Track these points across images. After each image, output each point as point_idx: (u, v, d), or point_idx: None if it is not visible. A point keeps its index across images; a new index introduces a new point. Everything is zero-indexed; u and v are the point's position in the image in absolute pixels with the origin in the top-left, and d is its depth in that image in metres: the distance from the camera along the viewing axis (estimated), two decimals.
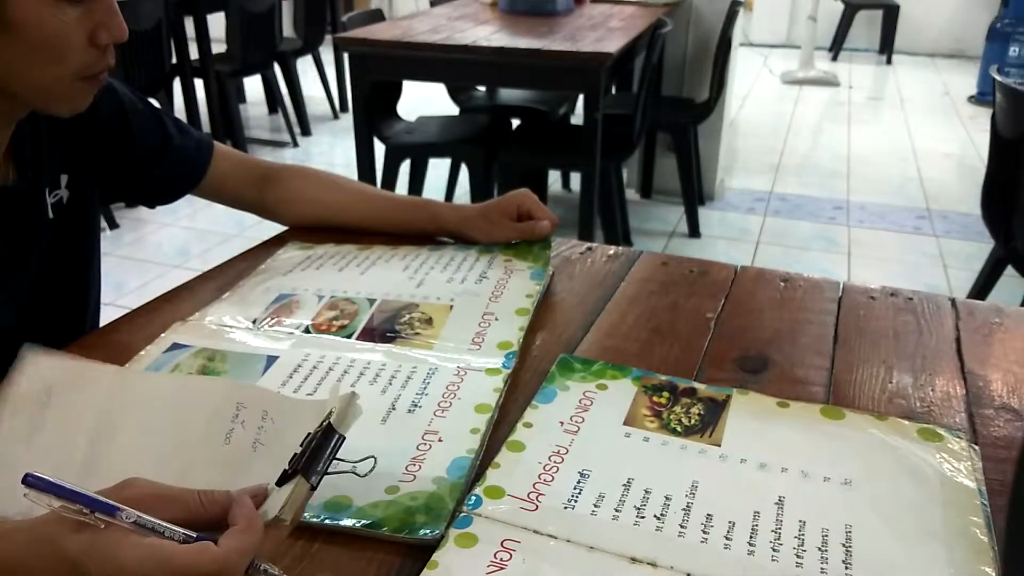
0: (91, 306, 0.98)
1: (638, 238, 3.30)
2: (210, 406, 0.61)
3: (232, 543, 0.48)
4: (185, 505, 0.50)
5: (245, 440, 0.58)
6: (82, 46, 0.74)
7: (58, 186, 0.88)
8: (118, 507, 0.47)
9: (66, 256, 0.91)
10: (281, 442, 0.56)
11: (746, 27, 6.12)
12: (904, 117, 5.28)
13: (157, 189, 1.03)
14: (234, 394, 0.62)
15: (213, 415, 0.60)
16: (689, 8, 3.47)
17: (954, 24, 7.03)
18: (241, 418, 0.59)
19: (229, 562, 0.47)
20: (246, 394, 0.62)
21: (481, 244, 1.05)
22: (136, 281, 2.93)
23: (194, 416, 0.61)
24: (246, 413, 0.60)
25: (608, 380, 0.78)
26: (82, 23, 0.73)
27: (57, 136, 0.87)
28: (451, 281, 0.95)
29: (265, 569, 0.49)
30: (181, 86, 3.95)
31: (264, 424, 0.59)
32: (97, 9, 0.73)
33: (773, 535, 0.59)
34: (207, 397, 0.62)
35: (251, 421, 0.59)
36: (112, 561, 0.46)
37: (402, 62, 2.64)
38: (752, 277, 1.01)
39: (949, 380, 0.80)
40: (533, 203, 1.05)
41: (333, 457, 0.54)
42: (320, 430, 0.54)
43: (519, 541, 0.58)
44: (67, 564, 0.48)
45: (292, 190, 1.09)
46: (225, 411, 0.60)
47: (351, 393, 0.56)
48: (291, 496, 0.52)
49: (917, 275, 3.03)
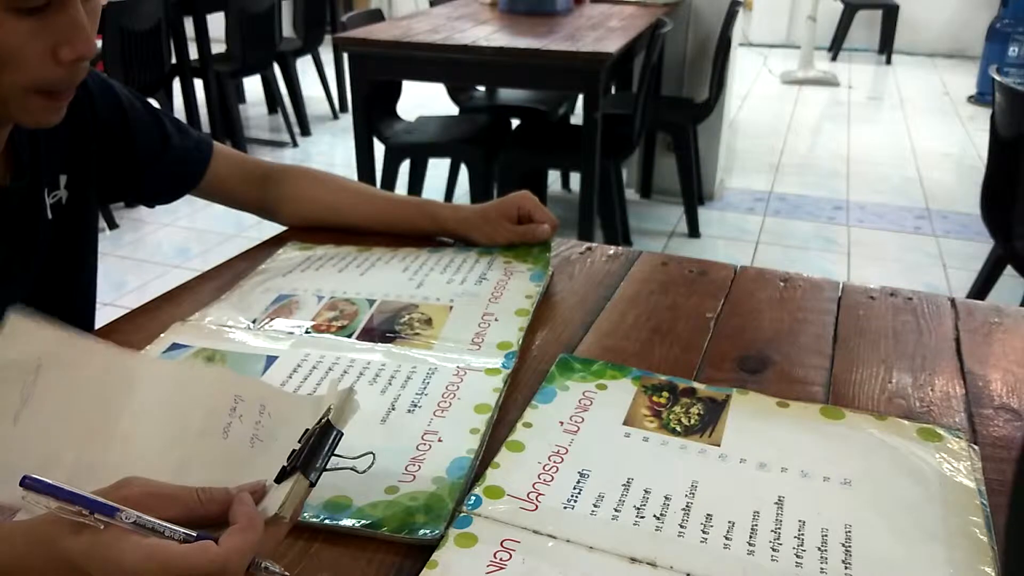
0: (89, 306, 0.99)
1: (638, 238, 3.30)
2: (208, 397, 0.60)
3: (233, 542, 0.48)
4: (184, 504, 0.50)
5: (243, 435, 0.58)
6: (39, 59, 0.70)
7: (57, 187, 0.88)
8: (117, 508, 0.47)
9: (65, 256, 0.91)
10: (279, 438, 0.56)
11: (746, 27, 6.12)
12: (904, 117, 5.28)
13: (156, 189, 1.03)
14: (231, 386, 0.61)
15: (211, 406, 0.59)
16: (689, 8, 3.47)
17: (954, 24, 7.03)
18: (239, 412, 0.59)
19: (230, 561, 0.47)
20: (244, 386, 0.61)
21: (481, 246, 1.05)
22: (136, 281, 2.93)
23: (192, 407, 0.60)
24: (244, 407, 0.59)
25: (608, 380, 0.78)
26: (39, 36, 0.69)
27: (56, 137, 0.87)
28: (451, 282, 0.95)
29: (266, 567, 0.49)
30: (181, 86, 3.95)
31: (262, 419, 0.58)
32: (58, 23, 0.69)
33: (773, 535, 0.59)
34: (205, 386, 0.61)
35: (249, 415, 0.59)
36: (113, 563, 0.46)
37: (402, 62, 2.64)
38: (752, 277, 1.02)
39: (948, 380, 0.80)
40: (533, 205, 1.05)
41: (332, 453, 0.54)
42: (318, 426, 0.54)
43: (519, 541, 0.58)
44: (67, 565, 0.47)
45: (292, 190, 1.09)
46: (223, 403, 0.59)
47: (349, 388, 0.56)
48: (290, 493, 0.51)
49: (917, 275, 3.04)
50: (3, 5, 0.67)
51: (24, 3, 0.67)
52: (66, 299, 0.94)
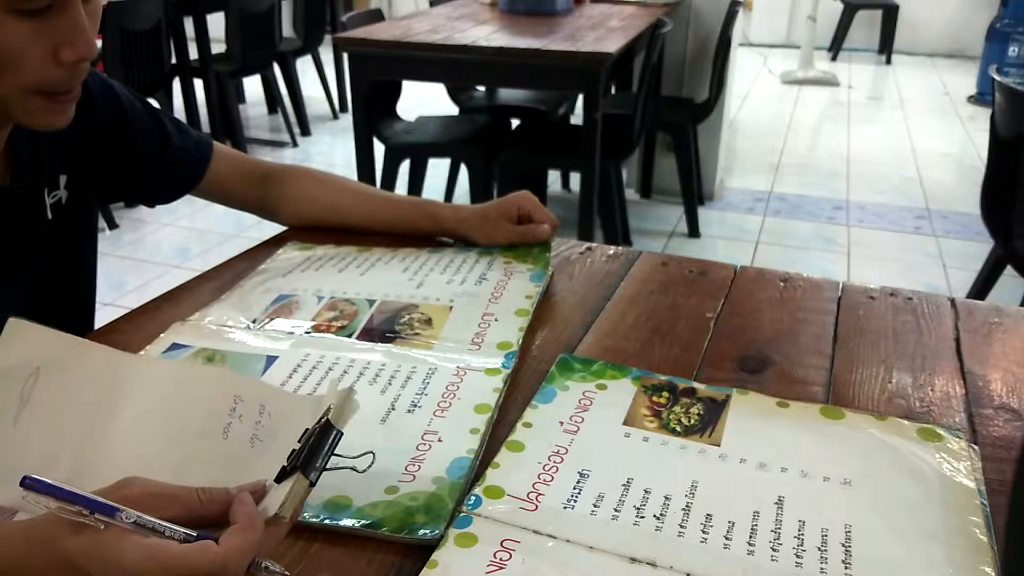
0: (89, 306, 0.99)
1: (638, 238, 3.30)
2: (208, 398, 0.60)
3: (233, 542, 0.48)
4: (184, 504, 0.50)
5: (243, 435, 0.58)
6: (39, 61, 0.70)
7: (57, 187, 0.88)
8: (118, 508, 0.47)
9: (65, 256, 0.91)
10: (279, 438, 0.56)
11: (746, 27, 6.12)
12: (903, 117, 5.28)
13: (157, 189, 1.03)
14: (231, 386, 0.61)
15: (211, 407, 0.59)
16: (689, 8, 3.47)
17: (954, 24, 7.03)
18: (239, 412, 0.59)
19: (231, 561, 0.47)
20: (243, 386, 0.61)
21: (480, 246, 1.05)
22: (136, 281, 2.93)
23: (192, 407, 0.60)
24: (243, 407, 0.59)
25: (608, 380, 0.78)
26: (39, 38, 0.69)
27: (56, 137, 0.87)
28: (451, 283, 0.95)
29: (267, 567, 0.49)
30: (180, 86, 3.95)
31: (262, 419, 0.58)
32: (59, 24, 0.69)
33: (773, 535, 0.59)
34: (204, 387, 0.62)
35: (249, 416, 0.59)
36: (113, 562, 0.46)
37: (401, 62, 2.64)
38: (752, 277, 1.02)
39: (948, 380, 0.80)
40: (533, 205, 1.05)
41: (331, 453, 0.54)
42: (318, 426, 0.54)
43: (519, 541, 0.58)
44: (67, 565, 0.47)
45: (292, 190, 1.09)
46: (222, 403, 0.59)
47: (349, 388, 0.56)
48: (290, 493, 0.51)
49: (917, 275, 3.04)
50: (4, 7, 0.66)
51: (25, 5, 0.67)
52: (66, 299, 0.94)
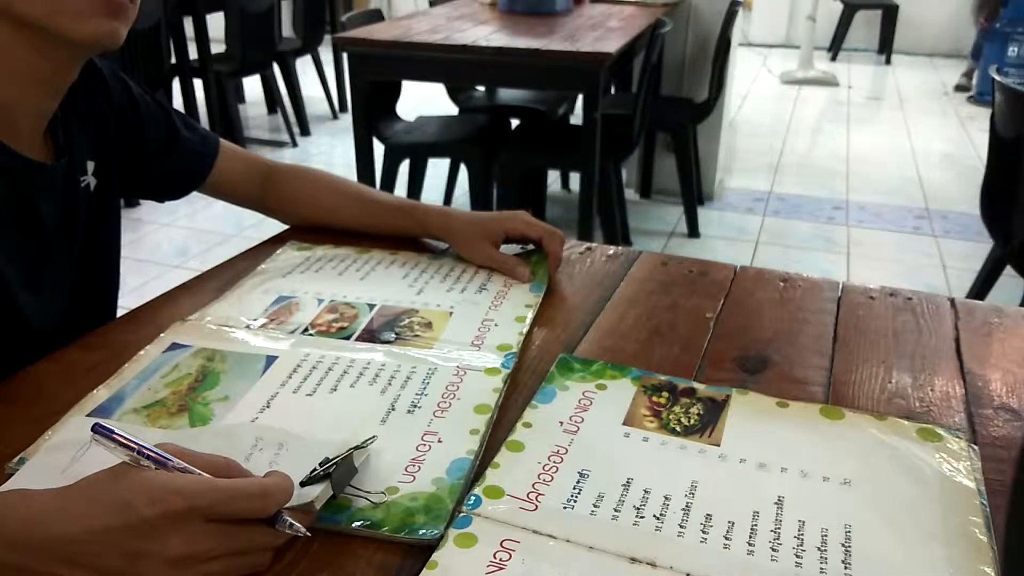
0: (113, 296, 1.00)
1: (637, 238, 3.30)
2: (229, 440, 0.65)
3: (274, 478, 0.55)
4: (216, 469, 0.55)
5: (263, 461, 0.63)
6: None
7: (85, 172, 0.89)
8: (168, 457, 0.53)
9: (96, 243, 0.92)
10: (296, 464, 0.60)
11: (745, 27, 6.12)
12: (903, 117, 5.28)
13: (165, 183, 1.03)
14: (253, 430, 0.67)
15: (233, 447, 0.63)
16: (688, 8, 3.47)
17: (953, 24, 7.03)
18: (259, 446, 0.64)
19: (273, 487, 0.54)
20: (264, 431, 0.67)
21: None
22: (136, 281, 2.93)
23: (217, 445, 0.63)
24: (263, 443, 0.65)
25: (607, 380, 0.78)
26: None
27: (81, 122, 0.88)
28: (451, 290, 0.95)
29: (291, 523, 0.54)
30: (180, 86, 3.95)
31: (280, 452, 0.64)
32: None
33: (772, 535, 0.59)
34: (226, 435, 0.67)
35: (269, 448, 0.64)
36: (161, 489, 0.51)
37: (401, 62, 2.64)
38: (751, 277, 1.02)
39: (948, 380, 0.80)
40: (524, 227, 1.01)
41: (348, 483, 0.62)
42: (342, 456, 0.61)
43: (519, 541, 0.58)
44: (118, 502, 0.51)
45: (290, 190, 1.10)
46: (245, 443, 0.65)
47: (366, 445, 0.65)
48: (321, 493, 0.58)
49: (916, 275, 3.04)
50: None
51: None
52: (102, 286, 0.96)
